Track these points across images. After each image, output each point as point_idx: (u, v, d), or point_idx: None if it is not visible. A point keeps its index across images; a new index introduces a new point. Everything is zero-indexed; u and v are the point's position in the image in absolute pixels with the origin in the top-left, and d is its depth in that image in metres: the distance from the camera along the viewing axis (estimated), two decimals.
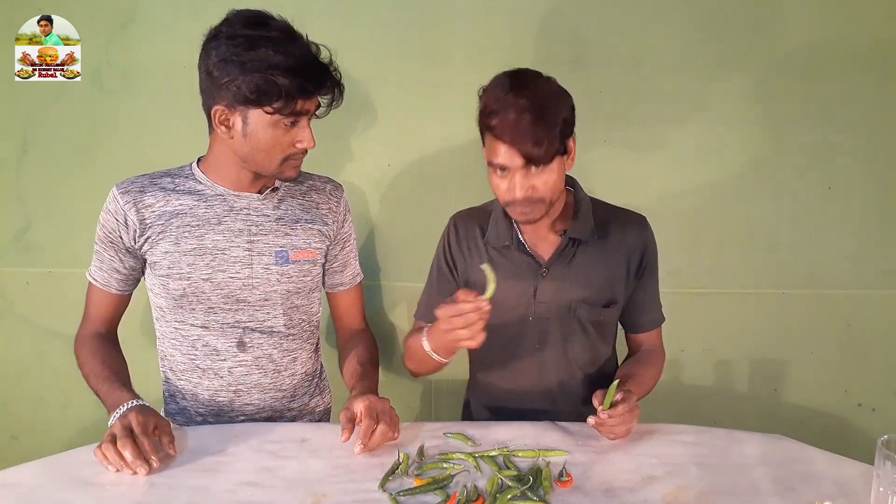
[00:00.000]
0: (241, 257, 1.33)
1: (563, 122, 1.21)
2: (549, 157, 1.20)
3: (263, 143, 1.23)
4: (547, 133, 1.18)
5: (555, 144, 1.20)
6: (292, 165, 1.29)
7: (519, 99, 1.18)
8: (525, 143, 1.17)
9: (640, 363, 1.43)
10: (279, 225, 1.36)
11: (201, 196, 1.33)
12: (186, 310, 1.34)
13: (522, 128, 1.17)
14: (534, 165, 1.20)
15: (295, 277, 1.37)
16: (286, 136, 1.24)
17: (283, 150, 1.25)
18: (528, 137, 1.17)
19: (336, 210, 1.43)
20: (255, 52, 1.16)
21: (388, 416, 1.20)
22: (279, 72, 1.16)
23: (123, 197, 1.31)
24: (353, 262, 1.51)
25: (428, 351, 1.27)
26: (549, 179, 1.23)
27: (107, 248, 1.34)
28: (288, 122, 1.22)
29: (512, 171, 1.21)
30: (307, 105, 1.23)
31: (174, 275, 1.31)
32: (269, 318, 1.38)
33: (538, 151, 1.18)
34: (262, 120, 1.21)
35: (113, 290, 1.37)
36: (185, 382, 1.40)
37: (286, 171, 1.29)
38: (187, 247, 1.31)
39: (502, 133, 1.18)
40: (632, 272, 1.40)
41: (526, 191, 1.22)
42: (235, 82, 1.17)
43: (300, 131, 1.25)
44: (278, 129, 1.23)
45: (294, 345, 1.42)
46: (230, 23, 1.20)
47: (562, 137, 1.21)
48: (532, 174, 1.21)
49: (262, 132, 1.22)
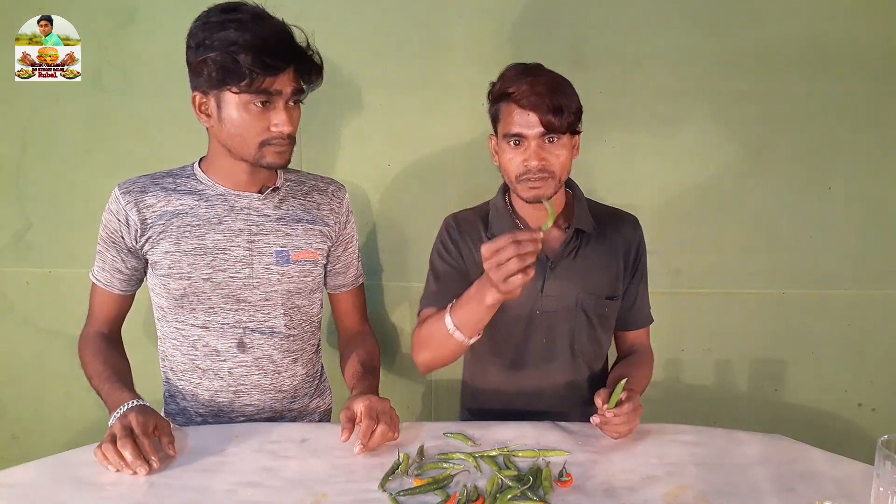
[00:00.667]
0: (241, 257, 1.33)
1: (578, 102, 1.29)
2: (564, 127, 1.26)
3: (238, 126, 1.22)
4: (565, 102, 1.25)
5: (570, 118, 1.26)
6: (274, 151, 1.25)
7: (538, 72, 1.28)
8: (544, 109, 1.23)
9: (634, 364, 1.44)
10: (280, 225, 1.36)
11: (202, 196, 1.33)
12: (187, 310, 1.34)
13: (542, 94, 1.23)
14: (551, 134, 1.25)
15: (296, 277, 1.37)
16: (260, 120, 1.22)
17: (257, 133, 1.23)
18: (548, 104, 1.23)
19: (338, 211, 1.43)
20: (221, 34, 1.17)
21: (388, 417, 1.20)
22: (241, 49, 1.15)
23: (125, 197, 1.31)
24: (356, 264, 1.50)
25: (451, 330, 1.21)
26: (560, 154, 1.28)
27: (109, 249, 1.34)
28: (258, 104, 1.20)
29: (528, 140, 1.26)
30: (277, 84, 1.20)
31: (175, 274, 1.31)
32: (270, 318, 1.37)
33: (556, 119, 1.24)
34: (233, 101, 1.20)
35: (115, 290, 1.37)
36: (186, 383, 1.40)
37: (268, 157, 1.25)
38: (188, 246, 1.31)
39: (521, 98, 1.24)
40: (627, 268, 1.43)
41: (540, 160, 1.26)
42: (205, 65, 1.18)
43: (275, 114, 1.22)
44: (250, 112, 1.21)
45: (295, 345, 1.42)
46: (207, 13, 1.21)
47: (576, 116, 1.28)
48: (546, 147, 1.27)
49: (236, 115, 1.21)
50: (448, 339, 1.23)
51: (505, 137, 1.29)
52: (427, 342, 1.30)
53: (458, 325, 1.20)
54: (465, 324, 1.20)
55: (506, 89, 1.27)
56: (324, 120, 1.75)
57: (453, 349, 1.26)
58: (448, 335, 1.22)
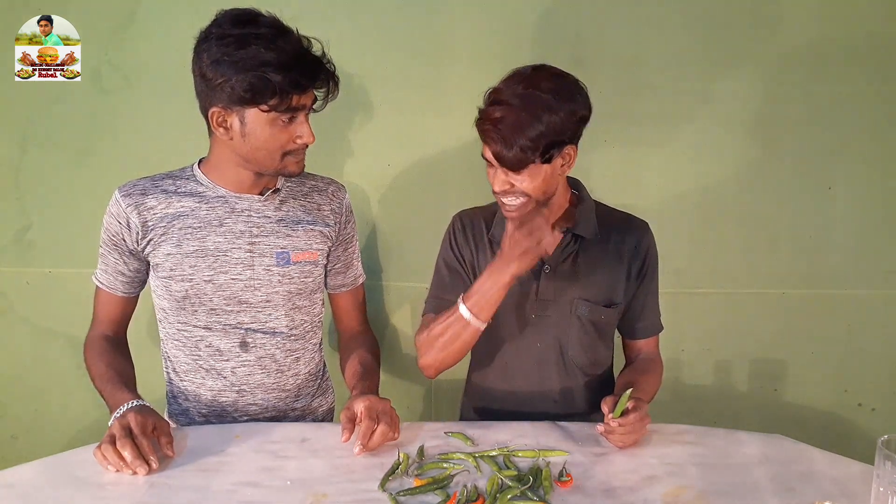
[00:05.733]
0: (242, 259, 1.33)
1: (547, 133, 1.19)
2: (518, 165, 1.21)
3: (263, 141, 1.23)
4: (521, 138, 1.18)
5: (527, 155, 1.19)
6: (294, 161, 1.28)
7: (503, 102, 1.20)
8: (496, 145, 1.20)
9: (640, 371, 1.42)
10: (280, 226, 1.36)
11: (203, 198, 1.33)
12: (189, 311, 1.35)
13: (496, 127, 1.19)
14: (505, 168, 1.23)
15: (297, 278, 1.37)
16: (284, 133, 1.23)
17: (282, 146, 1.25)
18: (500, 137, 1.19)
19: (338, 211, 1.43)
20: (245, 51, 1.15)
21: (388, 417, 1.20)
22: (271, 69, 1.15)
23: (125, 200, 1.31)
24: (356, 264, 1.50)
25: (467, 317, 1.25)
26: (526, 180, 1.24)
27: (111, 252, 1.35)
28: (285, 119, 1.22)
29: (495, 167, 1.25)
30: (303, 100, 1.22)
31: (176, 277, 1.31)
32: (272, 318, 1.38)
33: (508, 155, 1.20)
34: (260, 118, 1.21)
35: (119, 292, 1.38)
36: (189, 383, 1.40)
37: (289, 167, 1.28)
38: (189, 249, 1.31)
39: (481, 130, 1.23)
40: (632, 276, 1.40)
41: (503, 185, 1.25)
42: (229, 83, 1.16)
43: (298, 126, 1.24)
44: (276, 127, 1.22)
45: (297, 345, 1.42)
46: (219, 23, 1.19)
47: (545, 149, 1.20)
48: (511, 174, 1.24)
49: (260, 131, 1.22)
50: (463, 330, 1.27)
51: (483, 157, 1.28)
52: (435, 341, 1.31)
53: (474, 309, 1.26)
54: (481, 308, 1.25)
55: (480, 112, 1.24)
56: (324, 120, 1.74)
57: (466, 341, 1.29)
58: (463, 325, 1.27)
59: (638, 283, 1.41)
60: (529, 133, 1.18)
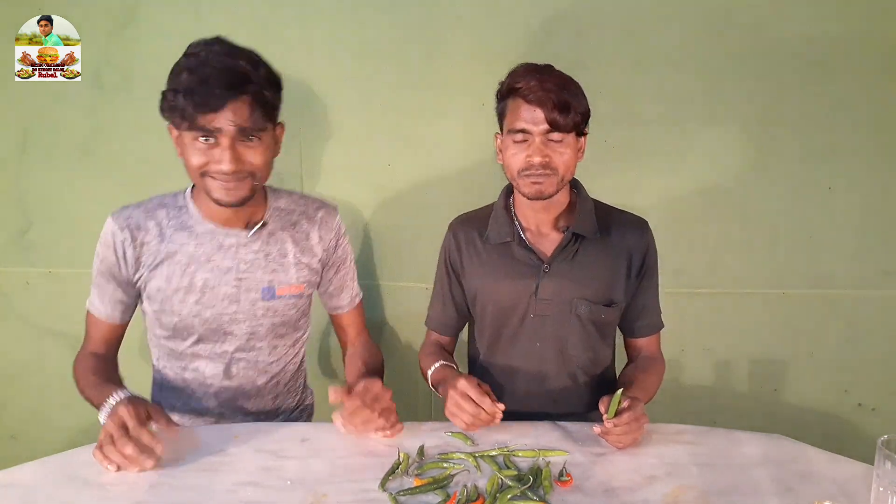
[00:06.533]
0: (229, 294, 1.36)
1: (586, 104, 1.30)
2: (570, 126, 1.26)
3: (187, 160, 1.24)
4: (573, 101, 1.25)
5: (576, 118, 1.26)
6: (219, 186, 1.23)
7: (548, 70, 1.29)
8: (550, 106, 1.24)
9: (641, 369, 1.42)
10: (267, 261, 1.38)
11: (192, 232, 1.34)
12: (178, 338, 1.39)
13: (550, 91, 1.24)
14: (556, 131, 1.26)
15: (281, 311, 1.40)
16: (204, 156, 1.22)
17: (199, 168, 1.23)
18: (555, 101, 1.24)
19: (325, 238, 1.44)
20: (173, 73, 1.21)
21: (380, 405, 1.20)
22: (177, 90, 1.18)
23: (121, 233, 1.32)
24: (351, 285, 1.51)
25: (430, 385, 1.39)
26: (564, 153, 1.29)
27: (108, 282, 1.36)
28: (202, 140, 1.21)
29: (532, 136, 1.27)
30: (216, 122, 1.18)
31: (166, 310, 1.35)
32: (255, 348, 1.42)
33: (562, 117, 1.24)
34: (184, 138, 1.23)
35: (115, 320, 1.39)
36: (175, 399, 1.44)
37: (213, 192, 1.24)
38: (178, 284, 1.33)
39: (529, 94, 1.25)
40: (632, 274, 1.40)
41: (543, 157, 1.27)
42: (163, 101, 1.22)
43: (217, 151, 1.21)
44: (195, 148, 1.22)
45: (277, 368, 1.47)
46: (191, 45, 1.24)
47: (583, 117, 1.29)
48: (550, 144, 1.27)
49: (185, 149, 1.24)
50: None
51: (510, 133, 1.29)
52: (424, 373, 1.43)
53: (434, 386, 1.38)
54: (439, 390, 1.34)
55: (514, 84, 1.28)
56: (323, 121, 1.75)
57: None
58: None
59: (638, 281, 1.41)
60: (580, 99, 1.28)
